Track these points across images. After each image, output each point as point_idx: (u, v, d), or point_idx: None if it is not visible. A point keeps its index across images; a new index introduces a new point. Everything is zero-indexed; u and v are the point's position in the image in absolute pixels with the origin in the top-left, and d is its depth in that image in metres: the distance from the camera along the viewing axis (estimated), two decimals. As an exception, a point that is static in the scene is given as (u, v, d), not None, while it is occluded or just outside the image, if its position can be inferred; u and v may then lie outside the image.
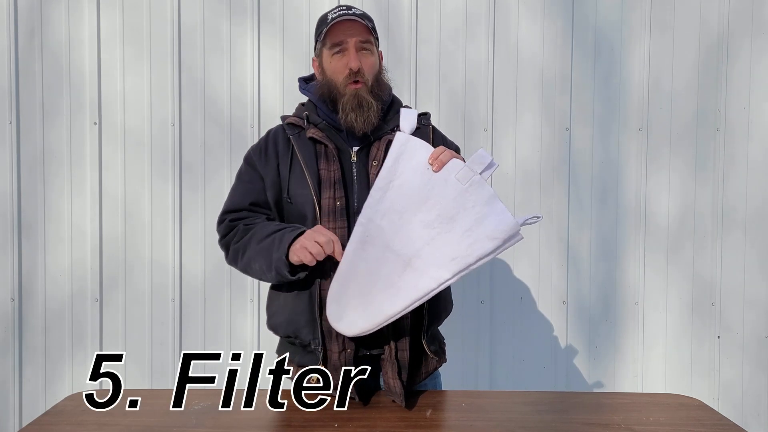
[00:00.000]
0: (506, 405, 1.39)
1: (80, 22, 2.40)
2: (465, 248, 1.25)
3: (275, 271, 1.33)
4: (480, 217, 1.25)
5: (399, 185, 1.28)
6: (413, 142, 1.30)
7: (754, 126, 2.47)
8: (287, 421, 1.28)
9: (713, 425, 1.27)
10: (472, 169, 1.26)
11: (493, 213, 1.25)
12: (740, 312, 2.50)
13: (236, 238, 1.44)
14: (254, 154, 1.50)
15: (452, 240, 1.25)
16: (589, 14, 2.46)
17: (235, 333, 2.46)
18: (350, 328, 1.29)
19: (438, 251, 1.26)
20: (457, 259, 1.25)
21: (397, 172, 1.28)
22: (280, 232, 1.34)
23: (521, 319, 2.49)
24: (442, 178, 1.27)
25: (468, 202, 1.26)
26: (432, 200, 1.27)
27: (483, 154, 1.26)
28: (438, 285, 1.25)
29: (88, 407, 1.34)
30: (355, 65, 1.41)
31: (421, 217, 1.27)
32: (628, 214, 2.47)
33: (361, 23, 1.43)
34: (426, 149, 1.30)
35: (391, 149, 1.30)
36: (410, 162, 1.28)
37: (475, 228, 1.25)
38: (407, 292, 1.26)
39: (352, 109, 1.41)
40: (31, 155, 2.41)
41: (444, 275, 1.25)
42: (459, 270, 1.25)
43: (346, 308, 1.29)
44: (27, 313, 2.43)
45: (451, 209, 1.26)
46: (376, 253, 1.28)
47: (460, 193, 1.26)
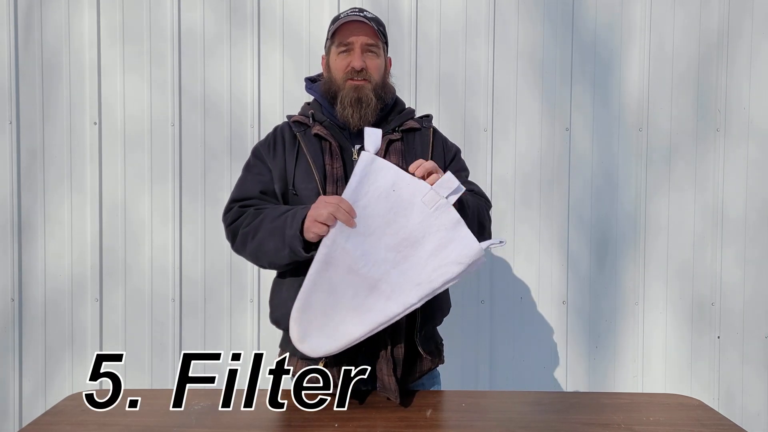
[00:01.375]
0: (506, 405, 1.39)
1: (80, 21, 2.40)
2: (430, 272, 1.24)
3: (289, 248, 1.32)
4: (445, 242, 1.25)
5: (363, 206, 1.26)
6: (378, 162, 1.28)
7: (754, 126, 2.47)
8: (287, 421, 1.28)
9: (713, 425, 1.27)
10: (438, 192, 1.25)
11: (458, 238, 1.25)
12: (740, 312, 2.50)
13: (246, 222, 1.42)
14: (262, 148, 1.52)
15: (418, 264, 1.25)
16: (589, 14, 2.46)
17: (235, 333, 2.46)
18: (313, 350, 1.27)
19: (404, 275, 1.25)
20: (422, 284, 1.24)
21: (361, 193, 1.26)
22: (291, 211, 1.34)
23: (521, 319, 2.49)
24: (407, 201, 1.26)
25: (433, 227, 1.25)
26: (397, 223, 1.26)
27: (450, 178, 1.26)
28: (404, 309, 1.25)
29: (88, 407, 1.34)
30: (357, 65, 1.44)
31: (387, 241, 1.26)
32: (628, 214, 2.47)
33: (370, 26, 1.46)
34: (392, 170, 1.27)
35: (355, 169, 1.27)
36: (375, 183, 1.26)
37: (441, 252, 1.25)
38: (373, 315, 1.25)
39: (350, 103, 1.44)
40: (31, 155, 2.41)
41: (410, 300, 1.25)
42: (425, 294, 1.25)
43: (309, 330, 1.28)
44: (27, 313, 2.43)
45: (416, 233, 1.26)
46: (339, 275, 1.26)
47: (425, 217, 1.26)
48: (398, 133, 1.50)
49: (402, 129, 1.52)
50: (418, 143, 1.51)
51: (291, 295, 1.42)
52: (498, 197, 2.45)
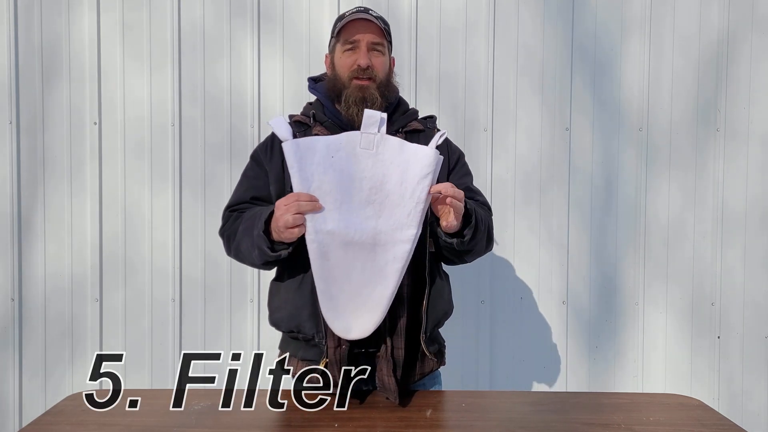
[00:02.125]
0: (506, 405, 1.39)
1: (80, 21, 2.40)
2: (409, 198, 1.28)
3: (257, 248, 1.34)
4: (404, 166, 1.29)
5: (318, 187, 1.28)
6: (302, 143, 1.30)
7: (755, 125, 2.47)
8: (287, 421, 1.28)
9: (713, 425, 1.27)
10: (369, 132, 1.30)
11: (411, 155, 1.30)
12: (740, 312, 2.50)
13: (227, 225, 1.48)
14: (260, 150, 1.54)
15: (396, 199, 1.29)
16: (589, 14, 2.46)
17: (235, 333, 2.46)
18: (362, 330, 1.31)
19: (392, 217, 1.29)
20: (411, 212, 1.29)
21: (307, 177, 1.28)
22: (261, 211, 1.36)
23: (521, 319, 2.49)
24: (350, 157, 1.29)
25: (385, 162, 1.30)
26: (355, 180, 1.29)
27: (370, 113, 1.31)
28: (412, 242, 1.29)
29: (88, 407, 1.34)
30: (364, 62, 1.44)
31: (357, 200, 1.29)
32: (628, 214, 2.47)
33: (376, 24, 1.47)
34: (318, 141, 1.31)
35: (288, 162, 1.29)
36: (312, 162, 1.29)
37: (406, 177, 1.29)
38: (390, 266, 1.29)
39: (355, 102, 1.44)
40: (31, 155, 2.41)
41: (411, 231, 1.29)
42: (419, 219, 1.29)
43: (348, 319, 1.31)
44: (27, 314, 2.43)
45: (376, 176, 1.29)
46: (340, 255, 1.29)
47: (373, 159, 1.30)
48: (402, 134, 1.50)
49: (405, 130, 1.51)
50: (422, 144, 1.51)
51: (289, 297, 1.43)
52: (498, 197, 2.45)
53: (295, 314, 1.42)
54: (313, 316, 1.38)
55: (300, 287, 1.41)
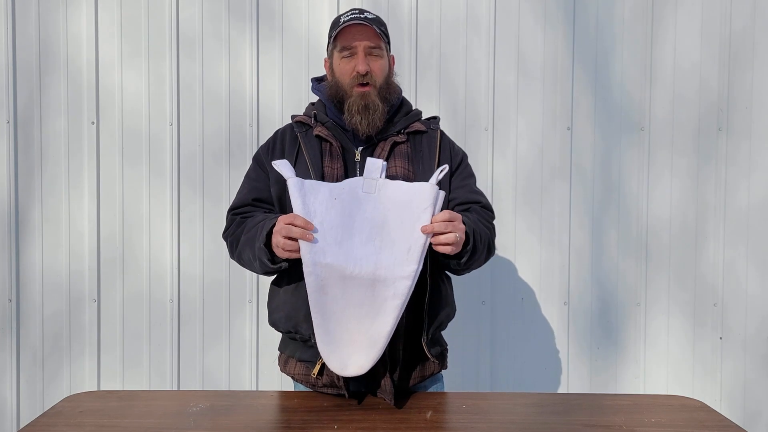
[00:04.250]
0: (507, 406, 1.39)
1: (78, 20, 2.39)
2: (410, 234, 1.28)
3: (258, 260, 1.36)
4: (403, 205, 1.30)
5: (320, 223, 1.28)
6: (307, 184, 1.32)
7: (756, 125, 2.46)
8: (286, 423, 1.28)
9: (715, 426, 1.26)
10: (372, 178, 1.33)
11: (411, 193, 1.31)
12: (742, 313, 2.49)
13: (231, 230, 1.49)
14: (262, 152, 1.55)
15: (396, 237, 1.29)
16: (590, 13, 2.45)
17: (233, 334, 2.45)
18: (358, 368, 1.30)
19: (392, 254, 1.28)
20: (411, 248, 1.28)
21: (310, 213, 1.29)
22: (263, 221, 1.37)
23: (522, 320, 2.48)
24: (352, 200, 1.31)
25: (386, 203, 1.31)
26: (357, 222, 1.30)
27: (372, 161, 1.35)
28: (413, 278, 1.28)
29: (85, 408, 1.33)
30: (362, 69, 1.44)
31: (358, 238, 1.29)
32: (630, 214, 2.46)
33: (372, 28, 1.46)
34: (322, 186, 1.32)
35: (291, 195, 1.30)
36: (315, 200, 1.30)
37: (406, 214, 1.29)
38: (390, 302, 1.28)
39: (358, 111, 1.44)
40: (29, 154, 2.40)
41: (411, 267, 1.28)
42: (420, 255, 1.28)
43: (345, 354, 1.30)
44: (24, 314, 2.42)
45: (377, 218, 1.30)
46: (338, 289, 1.28)
47: (374, 202, 1.31)
48: (403, 136, 1.50)
49: (408, 131, 1.51)
50: (425, 146, 1.50)
51: (288, 298, 1.44)
52: (499, 197, 2.44)
53: (292, 315, 1.42)
54: (310, 317, 1.37)
55: (297, 289, 1.40)
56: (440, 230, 1.26)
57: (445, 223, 1.26)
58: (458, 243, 1.28)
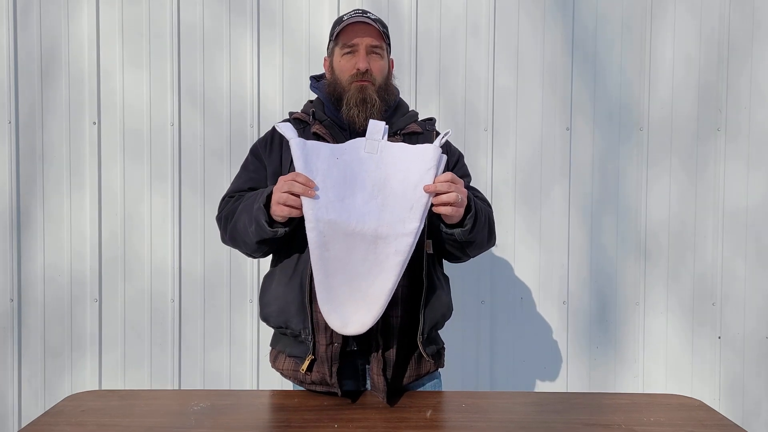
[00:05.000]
0: (506, 405, 1.39)
1: (79, 20, 2.40)
2: (412, 193, 1.29)
3: (255, 222, 1.33)
4: (407, 165, 1.31)
5: (322, 180, 1.29)
6: (309, 144, 1.32)
7: (755, 125, 2.46)
8: (287, 422, 1.28)
9: (714, 425, 1.26)
10: (374, 139, 1.33)
11: (413, 154, 1.32)
12: (741, 312, 2.49)
13: (226, 207, 1.48)
14: (260, 145, 1.55)
15: (398, 196, 1.30)
16: (590, 14, 2.45)
17: (234, 333, 2.45)
18: (360, 325, 1.29)
19: (394, 211, 1.29)
20: (413, 206, 1.29)
21: (313, 171, 1.29)
22: (261, 190, 1.37)
23: (522, 320, 2.48)
24: (354, 160, 1.32)
25: (388, 164, 1.32)
26: (359, 180, 1.31)
27: (374, 123, 1.35)
28: (414, 236, 1.28)
29: (87, 407, 1.34)
30: (363, 66, 1.45)
31: (361, 195, 1.30)
32: (629, 214, 2.47)
33: (375, 27, 1.47)
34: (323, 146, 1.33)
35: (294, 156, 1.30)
36: (318, 159, 1.31)
37: (409, 174, 1.30)
38: (392, 259, 1.28)
39: (356, 104, 1.44)
40: (30, 155, 2.40)
41: (413, 224, 1.28)
42: (422, 213, 1.29)
43: (346, 313, 1.30)
44: (26, 314, 2.43)
45: (379, 177, 1.31)
46: (340, 246, 1.28)
47: (377, 162, 1.32)
48: (400, 137, 1.50)
49: (404, 132, 1.51)
50: None
51: (279, 292, 1.43)
52: (498, 197, 2.45)
53: (284, 309, 1.41)
54: (301, 312, 1.38)
55: (290, 282, 1.40)
56: (442, 190, 1.26)
57: (448, 183, 1.27)
58: (460, 205, 1.29)
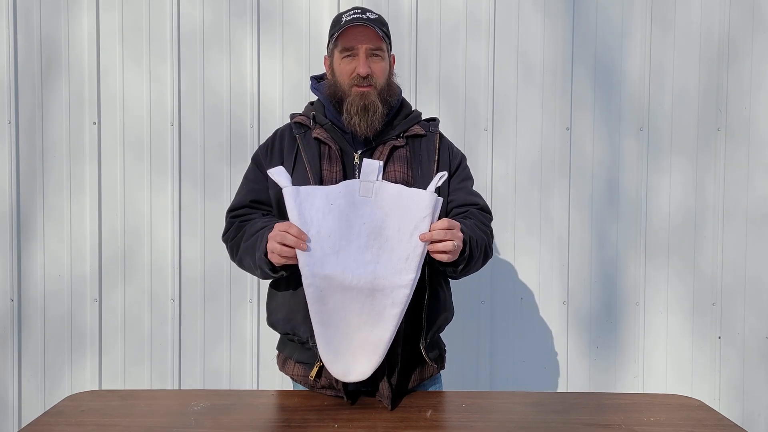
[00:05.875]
0: (507, 405, 1.39)
1: (79, 21, 2.40)
2: (407, 242, 1.27)
3: (260, 269, 1.37)
4: (402, 211, 1.29)
5: (317, 232, 1.28)
6: (302, 191, 1.30)
7: (755, 125, 2.46)
8: (287, 422, 1.28)
9: (714, 426, 1.27)
10: (368, 180, 1.29)
11: (409, 200, 1.29)
12: (741, 312, 2.49)
13: (231, 235, 1.48)
14: (261, 153, 1.54)
15: (394, 245, 1.28)
16: (590, 13, 2.45)
17: (234, 333, 2.45)
18: (360, 374, 1.31)
19: (390, 261, 1.28)
20: (409, 256, 1.28)
21: (307, 223, 1.28)
22: (263, 230, 1.37)
23: (522, 320, 2.48)
24: (348, 205, 1.29)
25: (383, 208, 1.29)
26: (354, 228, 1.29)
27: (368, 162, 1.31)
28: (411, 287, 1.28)
29: (87, 408, 1.34)
30: (363, 71, 1.43)
31: (356, 245, 1.28)
32: (629, 213, 2.47)
33: (373, 30, 1.44)
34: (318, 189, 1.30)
35: (288, 209, 1.29)
36: (312, 208, 1.28)
37: (404, 221, 1.28)
38: (389, 310, 1.28)
39: (357, 112, 1.42)
40: (31, 155, 2.40)
41: (409, 276, 1.28)
42: (418, 263, 1.28)
43: (347, 362, 1.31)
44: (26, 314, 2.42)
45: (375, 223, 1.29)
46: (337, 299, 1.29)
47: (371, 207, 1.29)
48: (402, 140, 1.49)
49: (407, 135, 1.50)
50: (424, 150, 1.49)
51: (286, 299, 1.44)
52: (498, 197, 2.45)
53: (290, 317, 1.43)
54: (308, 320, 1.38)
55: (296, 292, 1.41)
56: (439, 238, 1.25)
57: (444, 231, 1.26)
58: (455, 251, 1.28)
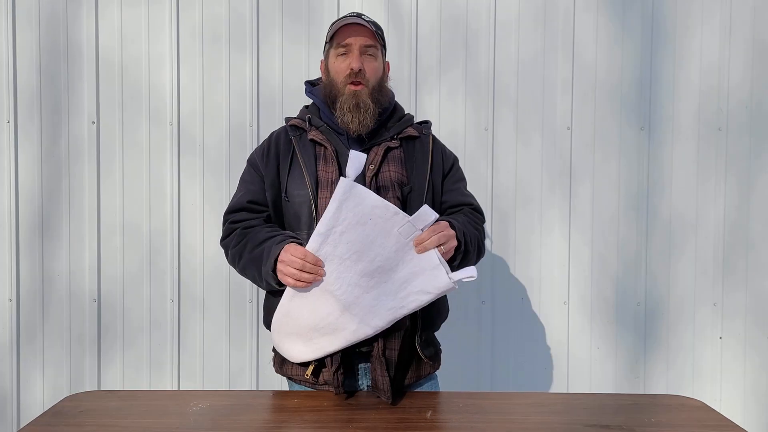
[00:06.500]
0: (507, 406, 1.39)
1: (79, 20, 2.39)
2: (400, 300, 1.31)
3: (265, 281, 1.40)
4: (417, 271, 1.30)
5: (341, 232, 1.28)
6: (357, 189, 1.29)
7: (756, 125, 2.46)
8: (286, 423, 1.28)
9: (715, 426, 1.26)
10: (415, 225, 1.29)
11: (430, 268, 1.29)
12: (742, 313, 2.49)
13: (233, 242, 1.49)
14: (257, 156, 1.56)
15: (389, 290, 1.31)
16: (590, 13, 2.45)
17: (233, 334, 2.45)
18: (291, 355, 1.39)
19: (375, 300, 1.31)
20: (392, 309, 1.31)
21: (339, 219, 1.28)
22: (269, 241, 1.38)
23: (522, 320, 2.48)
24: (384, 230, 1.29)
25: (407, 255, 1.30)
26: (373, 251, 1.29)
27: (427, 211, 1.29)
28: (374, 332, 1.33)
29: (86, 408, 1.34)
30: (356, 66, 1.46)
31: (362, 267, 1.29)
32: (629, 213, 2.46)
33: (369, 29, 1.49)
34: (369, 198, 1.29)
35: (334, 195, 1.29)
36: (353, 210, 1.28)
37: (412, 280, 1.30)
38: (345, 334, 1.33)
39: (349, 109, 1.45)
40: (30, 155, 2.40)
41: (379, 323, 1.32)
42: (393, 318, 1.32)
43: (289, 334, 1.37)
44: (25, 314, 2.42)
45: (390, 261, 1.30)
46: (315, 295, 1.32)
47: (400, 247, 1.29)
48: (396, 141, 1.51)
49: (401, 137, 1.53)
50: (417, 152, 1.53)
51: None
52: (498, 197, 2.44)
53: None
54: None
55: None
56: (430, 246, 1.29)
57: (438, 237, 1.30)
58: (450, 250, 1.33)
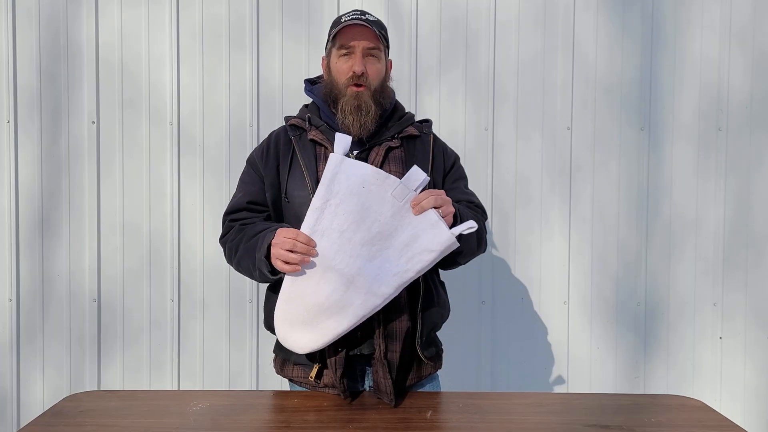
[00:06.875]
0: (507, 406, 1.39)
1: (79, 20, 2.39)
2: (404, 263, 1.29)
3: (258, 270, 1.37)
4: (417, 232, 1.29)
5: (336, 204, 1.28)
6: (347, 162, 1.30)
7: (756, 124, 2.46)
8: (286, 423, 1.28)
9: (715, 426, 1.26)
10: (407, 186, 1.29)
11: (429, 226, 1.29)
12: (742, 313, 2.49)
13: (230, 237, 1.49)
14: (256, 156, 1.55)
15: (392, 256, 1.29)
16: (590, 14, 2.45)
17: (233, 333, 2.45)
18: (300, 346, 1.32)
19: (379, 268, 1.29)
20: (398, 274, 1.29)
21: (333, 191, 1.28)
22: (264, 232, 1.37)
23: (522, 320, 2.48)
24: (378, 196, 1.28)
25: (405, 219, 1.29)
26: (370, 218, 1.28)
27: (417, 170, 1.30)
28: (383, 300, 1.30)
29: (86, 408, 1.34)
30: (358, 69, 1.45)
31: (361, 236, 1.28)
32: (630, 213, 2.46)
33: (372, 30, 1.46)
34: (360, 168, 1.29)
35: (325, 171, 1.29)
36: (346, 182, 1.28)
37: (413, 243, 1.29)
38: (353, 309, 1.29)
39: (351, 111, 1.44)
40: (30, 155, 2.40)
41: (387, 291, 1.29)
42: (400, 283, 1.29)
43: (294, 325, 1.32)
44: (25, 314, 2.42)
45: (389, 226, 1.29)
46: (317, 274, 1.29)
47: (396, 210, 1.29)
48: (397, 141, 1.50)
49: (401, 136, 1.52)
50: (418, 151, 1.52)
51: None
52: (498, 197, 2.44)
53: None
54: None
55: None
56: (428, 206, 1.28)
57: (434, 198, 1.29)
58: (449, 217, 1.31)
